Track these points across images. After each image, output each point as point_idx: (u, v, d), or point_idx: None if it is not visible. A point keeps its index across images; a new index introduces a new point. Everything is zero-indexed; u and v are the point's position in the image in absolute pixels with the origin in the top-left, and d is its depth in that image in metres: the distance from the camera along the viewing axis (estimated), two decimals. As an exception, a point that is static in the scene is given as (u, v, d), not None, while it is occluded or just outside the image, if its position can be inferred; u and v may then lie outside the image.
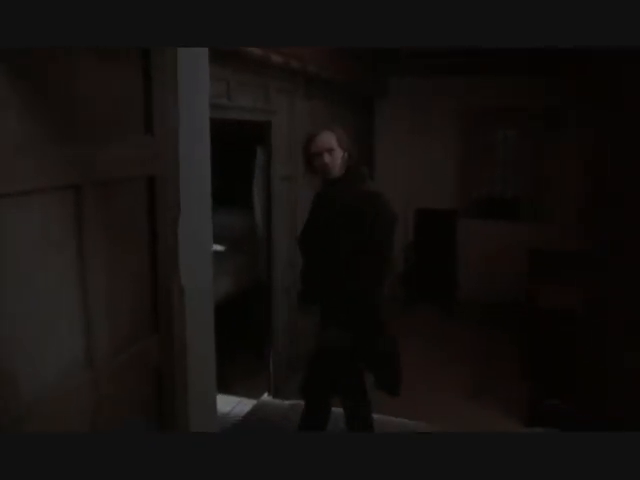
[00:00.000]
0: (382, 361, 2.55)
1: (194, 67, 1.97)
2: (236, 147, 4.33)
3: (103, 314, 1.41)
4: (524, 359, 4.25)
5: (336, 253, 2.46)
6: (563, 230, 5.14)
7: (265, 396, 3.95)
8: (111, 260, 1.44)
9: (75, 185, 1.30)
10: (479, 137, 6.05)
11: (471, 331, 5.25)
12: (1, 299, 1.15)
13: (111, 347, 1.44)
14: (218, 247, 4.67)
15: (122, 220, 1.48)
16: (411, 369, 2.59)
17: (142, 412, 1.58)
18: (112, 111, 1.42)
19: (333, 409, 2.75)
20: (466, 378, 4.28)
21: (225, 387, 3.57)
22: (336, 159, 2.48)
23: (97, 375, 1.40)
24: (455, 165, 6.12)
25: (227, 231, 4.68)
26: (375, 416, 2.71)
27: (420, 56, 5.16)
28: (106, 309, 1.43)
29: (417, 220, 6.13)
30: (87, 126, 1.34)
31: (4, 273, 1.14)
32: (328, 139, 2.49)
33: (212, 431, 2.39)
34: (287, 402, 3.82)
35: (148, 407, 1.61)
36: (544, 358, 3.84)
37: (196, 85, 2.02)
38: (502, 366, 4.44)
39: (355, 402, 2.65)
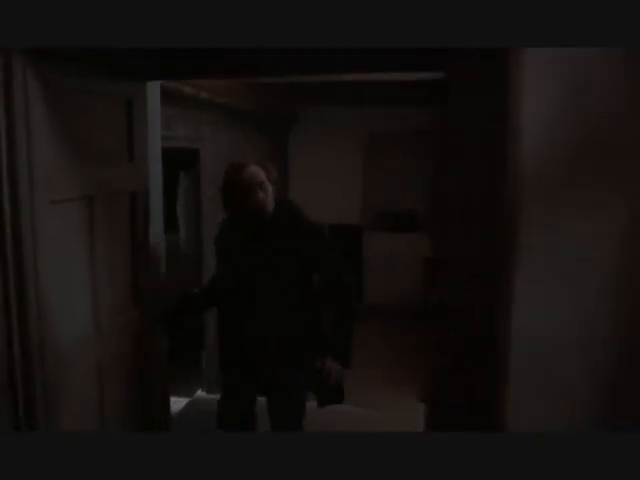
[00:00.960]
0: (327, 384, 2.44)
1: (152, 101, 2.54)
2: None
3: (105, 289, 2.00)
4: (423, 350, 5.00)
5: (285, 290, 2.35)
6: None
7: (199, 392, 4.47)
8: (109, 250, 2.02)
9: (89, 196, 1.87)
10: (381, 158, 6.91)
11: (378, 331, 6.00)
12: (44, 279, 1.70)
13: (109, 312, 2.02)
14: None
15: (116, 223, 2.06)
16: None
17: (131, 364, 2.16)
18: (110, 141, 2.02)
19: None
20: (377, 369, 5.01)
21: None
22: (268, 194, 2.34)
23: (102, 330, 1.98)
24: (361, 184, 6.95)
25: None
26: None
27: (329, 87, 5.86)
28: (105, 287, 2.01)
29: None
30: (96, 153, 1.93)
31: (48, 257, 1.70)
32: (258, 172, 2.34)
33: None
34: (220, 396, 4.36)
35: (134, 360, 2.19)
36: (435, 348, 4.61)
37: (153, 117, 2.58)
38: (404, 357, 5.19)
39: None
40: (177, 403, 4.29)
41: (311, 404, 2.53)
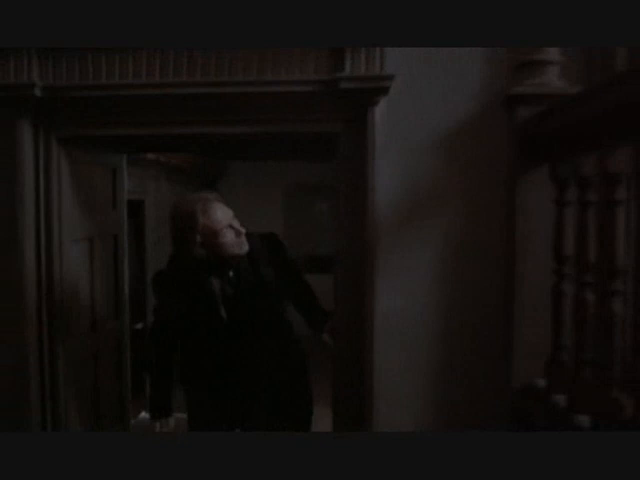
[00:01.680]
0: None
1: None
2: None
3: (100, 303, 2.78)
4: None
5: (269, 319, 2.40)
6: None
7: (143, 414, 5.12)
8: (101, 278, 2.81)
9: (90, 238, 2.68)
10: (302, 206, 7.89)
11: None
12: (65, 292, 2.48)
13: (102, 315, 2.81)
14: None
15: (106, 256, 2.87)
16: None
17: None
18: (103, 195, 2.84)
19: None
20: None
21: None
22: (241, 233, 2.26)
23: (97, 333, 2.76)
24: (284, 231, 7.88)
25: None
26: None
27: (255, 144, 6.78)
28: (100, 301, 2.80)
29: (254, 276, 7.68)
30: (95, 205, 2.74)
31: (68, 277, 2.49)
32: (228, 211, 2.28)
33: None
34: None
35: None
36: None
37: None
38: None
39: None
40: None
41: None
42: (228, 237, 2.20)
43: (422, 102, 2.29)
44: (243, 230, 2.25)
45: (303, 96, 2.24)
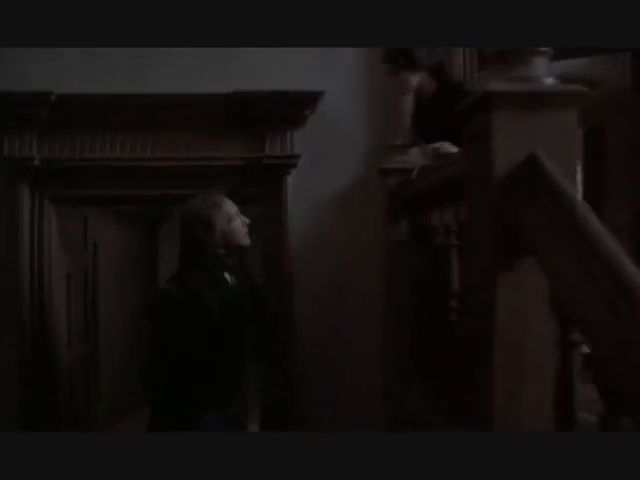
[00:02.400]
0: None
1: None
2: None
3: (75, 327, 3.52)
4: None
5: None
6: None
7: (94, 433, 5.73)
8: (75, 305, 3.56)
9: (68, 273, 3.44)
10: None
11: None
12: (53, 318, 3.23)
13: (75, 338, 3.54)
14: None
15: (79, 288, 3.62)
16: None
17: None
18: (77, 238, 3.62)
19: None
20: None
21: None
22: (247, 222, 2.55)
23: (71, 351, 3.49)
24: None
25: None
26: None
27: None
28: (74, 325, 3.54)
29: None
30: (72, 248, 3.51)
31: (55, 305, 3.24)
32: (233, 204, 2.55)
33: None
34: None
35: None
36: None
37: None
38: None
39: None
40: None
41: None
42: (237, 223, 2.49)
43: (321, 172, 3.25)
44: (248, 220, 2.54)
45: (237, 168, 3.14)
